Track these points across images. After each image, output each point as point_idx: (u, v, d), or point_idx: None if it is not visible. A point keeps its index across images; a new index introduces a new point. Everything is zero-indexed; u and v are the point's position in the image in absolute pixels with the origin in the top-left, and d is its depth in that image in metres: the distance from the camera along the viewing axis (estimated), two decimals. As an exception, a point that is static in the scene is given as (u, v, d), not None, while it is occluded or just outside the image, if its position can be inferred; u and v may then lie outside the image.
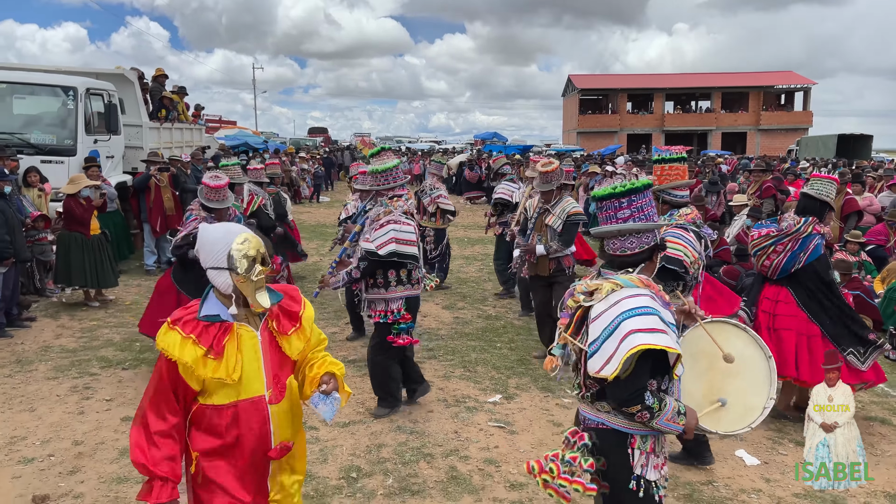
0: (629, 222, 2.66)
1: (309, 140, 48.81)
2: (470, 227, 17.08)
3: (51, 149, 10.50)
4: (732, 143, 53.95)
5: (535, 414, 5.46)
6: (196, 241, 2.72)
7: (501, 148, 37.99)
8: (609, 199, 2.71)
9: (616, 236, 2.68)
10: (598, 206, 2.78)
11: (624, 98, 57.48)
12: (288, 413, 2.70)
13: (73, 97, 10.69)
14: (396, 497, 4.12)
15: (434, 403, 5.60)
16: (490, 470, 4.49)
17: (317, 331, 2.82)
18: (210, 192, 5.58)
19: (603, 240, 2.75)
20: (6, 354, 6.62)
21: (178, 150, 14.28)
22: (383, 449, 4.75)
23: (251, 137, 26.60)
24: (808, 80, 57.15)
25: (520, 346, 7.27)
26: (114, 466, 4.42)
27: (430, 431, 5.06)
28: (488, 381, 6.18)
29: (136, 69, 13.40)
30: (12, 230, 7.32)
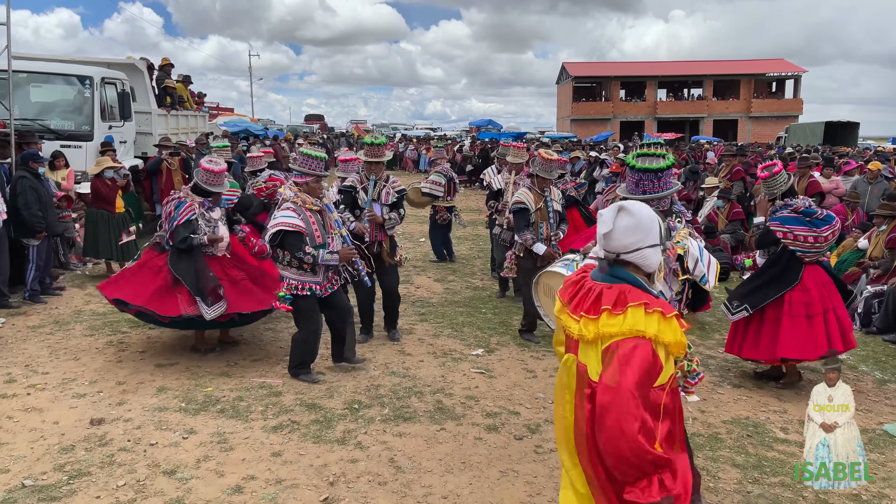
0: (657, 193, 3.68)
1: (306, 127, 49.45)
2: (463, 210, 17.86)
3: (69, 134, 11.27)
4: (724, 130, 54.71)
5: (512, 363, 6.30)
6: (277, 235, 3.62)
7: (496, 135, 38.76)
8: (646, 173, 3.66)
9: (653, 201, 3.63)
10: (635, 177, 3.71)
11: (617, 86, 58.12)
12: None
13: (90, 86, 11.45)
14: (391, 422, 4.96)
15: (424, 355, 6.44)
16: (470, 403, 5.33)
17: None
18: (210, 177, 5.92)
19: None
20: (45, 317, 7.44)
21: (183, 135, 15.07)
22: (380, 388, 5.59)
23: (251, 124, 27.31)
24: (798, 67, 57.84)
25: (502, 311, 8.11)
26: (154, 399, 5.25)
27: (421, 376, 5.90)
28: (472, 338, 7.02)
29: (146, 59, 14.14)
30: (45, 207, 8.11)
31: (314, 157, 5.56)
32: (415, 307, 8.20)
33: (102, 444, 4.52)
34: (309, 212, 5.48)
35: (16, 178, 8.08)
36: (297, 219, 5.39)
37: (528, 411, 5.22)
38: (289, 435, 4.72)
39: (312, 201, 5.53)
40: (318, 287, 5.59)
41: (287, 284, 5.52)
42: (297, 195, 5.50)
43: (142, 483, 4.03)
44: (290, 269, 5.54)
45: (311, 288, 5.55)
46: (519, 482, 4.17)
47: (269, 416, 5.01)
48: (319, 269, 5.58)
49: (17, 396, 5.27)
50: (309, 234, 5.44)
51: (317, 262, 5.43)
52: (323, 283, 5.62)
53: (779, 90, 59.23)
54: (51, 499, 3.85)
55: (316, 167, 5.56)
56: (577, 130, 51.08)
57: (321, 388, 5.56)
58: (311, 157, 5.55)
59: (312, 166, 5.55)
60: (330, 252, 5.49)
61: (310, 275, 5.56)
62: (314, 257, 5.39)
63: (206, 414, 5.04)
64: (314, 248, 5.43)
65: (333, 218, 5.71)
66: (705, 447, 4.68)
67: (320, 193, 5.63)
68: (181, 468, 4.22)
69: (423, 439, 4.71)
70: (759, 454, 4.60)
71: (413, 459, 4.42)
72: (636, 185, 3.73)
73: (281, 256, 5.57)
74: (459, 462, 4.40)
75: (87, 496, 3.88)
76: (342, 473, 4.21)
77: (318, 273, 5.58)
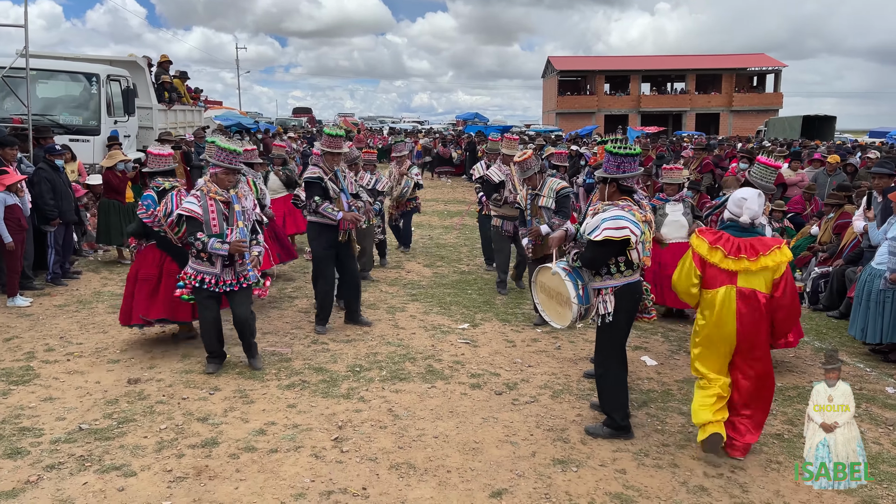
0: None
1: (294, 120, 49.91)
2: (450, 202, 18.65)
3: (77, 129, 11.93)
4: (706, 124, 55.78)
5: (494, 335, 7.08)
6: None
7: (482, 128, 39.46)
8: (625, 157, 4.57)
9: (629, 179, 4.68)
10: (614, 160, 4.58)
11: (601, 79, 59.07)
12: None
13: (97, 83, 12.10)
14: (389, 382, 5.73)
15: (416, 329, 7.21)
16: (457, 367, 6.11)
17: None
18: (153, 160, 6.30)
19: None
20: (68, 297, 8.14)
21: (181, 130, 15.72)
22: (378, 355, 6.36)
23: (242, 118, 27.87)
24: (778, 62, 59.01)
25: (487, 292, 8.89)
26: (180, 364, 6.00)
27: (413, 345, 6.67)
28: (459, 315, 7.80)
29: (147, 57, 14.77)
30: (59, 196, 8.78)
31: (226, 150, 5.58)
32: (406, 289, 8.96)
33: (141, 398, 5.27)
34: (212, 201, 5.55)
35: (35, 169, 8.74)
36: (196, 205, 5.52)
37: (508, 373, 6.01)
38: (300, 392, 5.48)
39: (217, 191, 5.59)
40: (213, 280, 5.62)
41: (185, 272, 5.74)
42: (206, 183, 5.65)
43: (180, 427, 4.78)
44: (192, 258, 5.70)
45: (203, 280, 5.61)
46: (498, 426, 4.95)
47: (282, 377, 5.76)
48: (216, 261, 5.60)
49: (59, 362, 6.00)
50: (205, 221, 5.52)
51: (206, 248, 5.47)
52: (221, 276, 5.63)
53: (759, 84, 60.41)
54: (105, 438, 4.59)
55: (225, 159, 5.58)
56: (563, 124, 51.94)
57: (326, 354, 6.32)
58: (223, 150, 5.58)
59: (223, 158, 5.58)
60: (221, 241, 5.49)
61: (206, 265, 5.62)
62: (203, 243, 5.45)
63: (227, 376, 5.79)
64: (209, 236, 5.49)
65: (237, 209, 5.65)
66: (658, 400, 5.48)
67: (228, 184, 5.64)
68: (212, 416, 4.97)
69: (416, 395, 5.48)
70: (703, 405, 5.41)
71: (408, 410, 5.19)
72: (617, 167, 4.60)
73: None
74: (448, 411, 5.18)
75: (136, 436, 4.63)
76: (348, 420, 4.98)
77: (216, 264, 5.61)
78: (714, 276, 4.36)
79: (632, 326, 4.92)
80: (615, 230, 4.46)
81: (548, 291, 4.97)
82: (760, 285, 4.29)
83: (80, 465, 4.22)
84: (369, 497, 3.97)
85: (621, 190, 4.66)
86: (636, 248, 4.55)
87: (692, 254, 4.47)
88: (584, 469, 4.35)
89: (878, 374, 6.22)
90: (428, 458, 4.44)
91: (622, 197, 4.65)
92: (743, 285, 4.28)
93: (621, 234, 4.45)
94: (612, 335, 4.74)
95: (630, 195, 4.70)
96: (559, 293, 4.77)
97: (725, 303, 4.30)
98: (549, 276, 4.88)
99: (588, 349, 6.66)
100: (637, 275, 4.73)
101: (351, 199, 7.00)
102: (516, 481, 4.18)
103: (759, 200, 4.41)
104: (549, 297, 4.95)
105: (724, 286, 4.31)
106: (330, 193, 6.76)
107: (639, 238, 4.50)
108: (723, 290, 4.31)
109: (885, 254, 6.44)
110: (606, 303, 4.70)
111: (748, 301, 4.29)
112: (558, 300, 4.81)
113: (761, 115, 52.54)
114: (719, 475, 4.30)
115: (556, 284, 4.81)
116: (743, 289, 4.29)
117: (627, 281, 4.67)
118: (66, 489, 3.96)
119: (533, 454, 4.52)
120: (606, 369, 4.80)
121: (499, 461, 4.42)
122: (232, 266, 5.67)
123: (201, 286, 5.63)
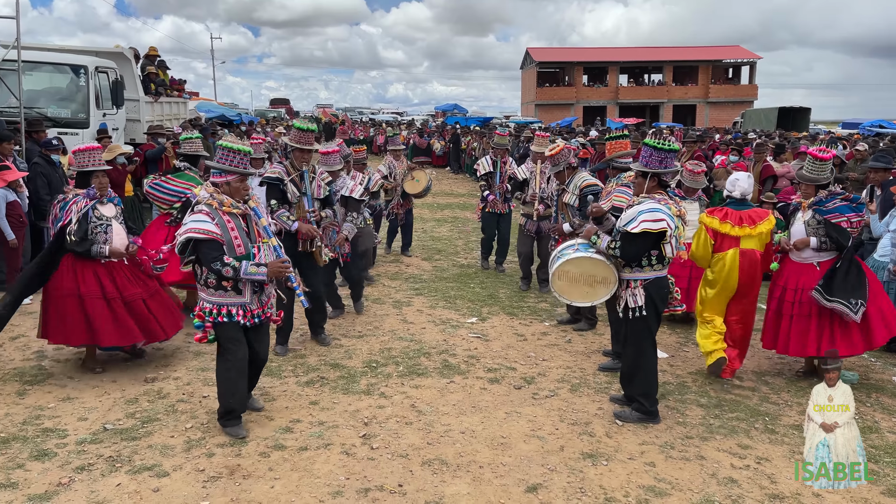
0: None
1: (272, 111, 49.37)
2: (438, 195, 18.63)
3: (66, 122, 11.69)
4: (683, 115, 56.28)
5: (504, 329, 7.11)
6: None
7: (461, 119, 39.46)
8: (668, 152, 4.67)
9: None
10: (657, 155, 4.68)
11: (580, 71, 59.27)
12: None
13: (85, 74, 11.86)
14: (407, 377, 5.74)
15: (426, 323, 7.22)
16: (472, 361, 6.13)
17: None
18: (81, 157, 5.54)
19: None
20: (68, 294, 8.01)
21: (167, 122, 15.50)
22: (392, 350, 6.36)
23: (225, 109, 27.54)
24: (753, 54, 59.69)
25: (489, 285, 8.92)
26: (195, 362, 5.95)
27: (426, 340, 6.67)
28: (466, 309, 7.82)
29: (133, 48, 14.52)
30: (56, 192, 8.59)
31: (237, 152, 4.48)
32: (408, 283, 8.96)
33: (161, 397, 5.22)
34: (227, 216, 4.44)
35: (31, 164, 8.57)
36: (212, 223, 4.35)
37: (523, 367, 6.05)
38: (320, 388, 5.46)
39: (232, 203, 4.47)
40: (243, 312, 4.52)
41: (201, 308, 4.51)
42: (214, 196, 4.45)
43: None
44: (207, 288, 4.48)
45: (231, 313, 4.48)
46: (522, 420, 4.99)
47: (299, 374, 5.74)
48: (245, 287, 4.50)
49: (71, 361, 5.91)
50: (227, 242, 4.38)
51: (238, 275, 4.34)
52: (251, 306, 4.56)
53: (735, 76, 61.05)
54: (131, 438, 4.54)
55: (239, 163, 4.48)
56: (542, 115, 52.04)
57: (340, 350, 6.30)
58: (233, 152, 4.47)
59: (235, 162, 4.47)
60: (255, 264, 4.41)
61: (232, 294, 4.49)
62: (235, 269, 4.31)
63: (243, 373, 5.75)
64: (237, 259, 4.40)
65: (262, 224, 4.62)
66: (675, 392, 5.56)
67: (244, 194, 4.56)
68: (235, 414, 4.94)
69: (436, 390, 5.50)
70: (719, 396, 5.50)
71: (431, 405, 5.21)
72: (660, 161, 4.69)
73: (199, 273, 4.52)
74: (470, 406, 5.20)
75: (162, 436, 4.59)
76: (373, 416, 4.98)
77: (244, 292, 4.51)
78: (724, 242, 5.64)
79: (661, 319, 5.04)
80: (653, 222, 4.54)
81: (571, 277, 5.11)
82: (757, 245, 5.60)
83: (111, 467, 4.18)
84: (407, 494, 3.99)
85: (660, 184, 4.74)
86: (670, 242, 4.63)
87: (705, 228, 5.69)
88: (614, 462, 4.40)
89: (884, 364, 6.37)
90: (458, 454, 4.46)
91: (658, 191, 4.72)
92: (744, 247, 5.58)
93: (658, 227, 4.54)
94: (643, 326, 4.86)
95: (665, 189, 4.77)
96: (591, 275, 5.01)
97: (733, 261, 5.57)
98: (574, 264, 5.08)
99: (599, 343, 6.72)
100: (665, 270, 4.81)
101: (314, 208, 6.11)
102: (549, 476, 4.22)
103: (749, 181, 5.80)
104: (574, 282, 5.10)
105: (732, 249, 5.59)
106: (289, 197, 5.95)
107: (673, 231, 4.58)
108: (731, 252, 5.59)
109: (887, 246, 6.57)
110: (636, 296, 4.79)
111: (748, 258, 5.58)
112: (588, 281, 5.02)
113: (737, 107, 53.14)
114: (746, 466, 4.39)
115: (585, 269, 5.04)
116: (745, 249, 5.58)
117: (657, 275, 4.76)
118: (100, 491, 3.92)
119: (561, 448, 4.57)
120: (640, 356, 4.92)
121: (529, 456, 4.46)
122: (261, 292, 4.63)
123: (229, 320, 4.49)
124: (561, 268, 5.12)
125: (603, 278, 5.00)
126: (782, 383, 5.81)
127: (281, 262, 4.53)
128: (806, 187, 5.68)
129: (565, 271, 5.11)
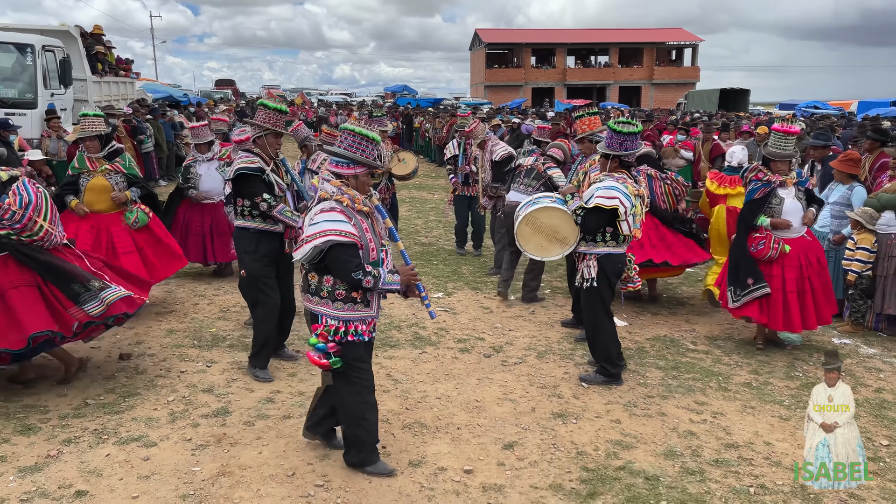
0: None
1: (218, 92, 48.46)
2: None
3: (13, 102, 11.40)
4: (628, 97, 57.41)
5: (470, 303, 7.35)
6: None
7: (411, 101, 39.49)
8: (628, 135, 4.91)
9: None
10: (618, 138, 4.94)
11: (528, 53, 59.75)
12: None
13: (31, 54, 11.56)
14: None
15: (393, 298, 7.33)
16: (442, 333, 6.35)
17: None
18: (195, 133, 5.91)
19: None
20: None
21: (115, 102, 15.20)
22: (363, 324, 6.52)
23: (172, 90, 26.96)
24: (695, 37, 61.14)
25: (451, 263, 9.14)
26: (168, 339, 6.01)
27: (395, 314, 6.86)
28: (431, 285, 8.02)
29: (80, 27, 14.16)
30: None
31: (369, 140, 3.75)
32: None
33: (138, 373, 5.29)
34: (360, 215, 3.77)
35: (-17, 146, 8.38)
36: (350, 224, 3.66)
37: (491, 337, 6.29)
38: (297, 362, 5.60)
39: (363, 200, 3.80)
40: (366, 327, 3.89)
41: (325, 327, 3.79)
42: (343, 191, 3.75)
43: (187, 398, 4.85)
44: (334, 301, 3.79)
45: (359, 330, 3.82)
46: (494, 385, 5.23)
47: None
48: (373, 299, 3.91)
49: (41, 341, 5.89)
50: (364, 245, 3.71)
51: (378, 285, 3.72)
52: (376, 319, 4.02)
53: (678, 58, 62.45)
54: (115, 412, 4.62)
55: (370, 153, 3.77)
56: (491, 97, 52.38)
57: (311, 326, 6.43)
58: (364, 139, 3.74)
59: (366, 151, 3.75)
60: (391, 272, 3.82)
61: (361, 308, 3.84)
62: (376, 278, 3.67)
63: (218, 349, 5.85)
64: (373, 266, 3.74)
65: (387, 225, 3.99)
66: (635, 357, 5.88)
67: (369, 190, 3.90)
68: (216, 387, 5.06)
69: (409, 360, 5.70)
70: (676, 360, 5.85)
71: (406, 374, 5.41)
72: (620, 144, 4.93)
73: (316, 285, 3.83)
74: (444, 374, 5.42)
75: (145, 409, 4.68)
76: (351, 386, 5.15)
77: (371, 304, 3.91)
78: (716, 200, 7.00)
79: (614, 293, 5.37)
80: (606, 199, 4.80)
81: (536, 226, 5.33)
82: (738, 203, 6.55)
83: (98, 439, 4.26)
84: (391, 455, 4.18)
85: (622, 164, 4.99)
86: (626, 220, 4.89)
87: (706, 190, 7.16)
88: (583, 421, 4.69)
89: (823, 328, 6.79)
90: (436, 417, 4.68)
91: (619, 170, 4.98)
92: (730, 204, 6.82)
93: (611, 204, 4.80)
94: (597, 297, 5.14)
95: (628, 169, 5.03)
96: (556, 230, 5.25)
97: (721, 215, 6.87)
98: (547, 214, 5.28)
99: (561, 314, 7.02)
100: (623, 248, 5.09)
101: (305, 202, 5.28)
102: (523, 434, 4.48)
103: (744, 152, 7.13)
104: (537, 232, 5.34)
105: (719, 205, 6.93)
106: (275, 190, 5.17)
107: (629, 210, 4.84)
108: (718, 208, 6.94)
109: (827, 217, 7.02)
110: (590, 268, 5.07)
111: (732, 214, 6.68)
112: (549, 236, 5.28)
113: (680, 89, 54.47)
114: (703, 420, 4.73)
115: (555, 221, 5.26)
116: (729, 206, 6.80)
117: (610, 251, 5.05)
118: (91, 461, 4.00)
119: (533, 409, 4.83)
120: (597, 324, 5.19)
121: (503, 417, 4.71)
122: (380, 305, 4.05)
123: (358, 339, 3.83)
124: (533, 213, 5.31)
125: (563, 238, 5.23)
126: (732, 346, 6.19)
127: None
128: (781, 164, 5.69)
129: (535, 218, 5.30)
